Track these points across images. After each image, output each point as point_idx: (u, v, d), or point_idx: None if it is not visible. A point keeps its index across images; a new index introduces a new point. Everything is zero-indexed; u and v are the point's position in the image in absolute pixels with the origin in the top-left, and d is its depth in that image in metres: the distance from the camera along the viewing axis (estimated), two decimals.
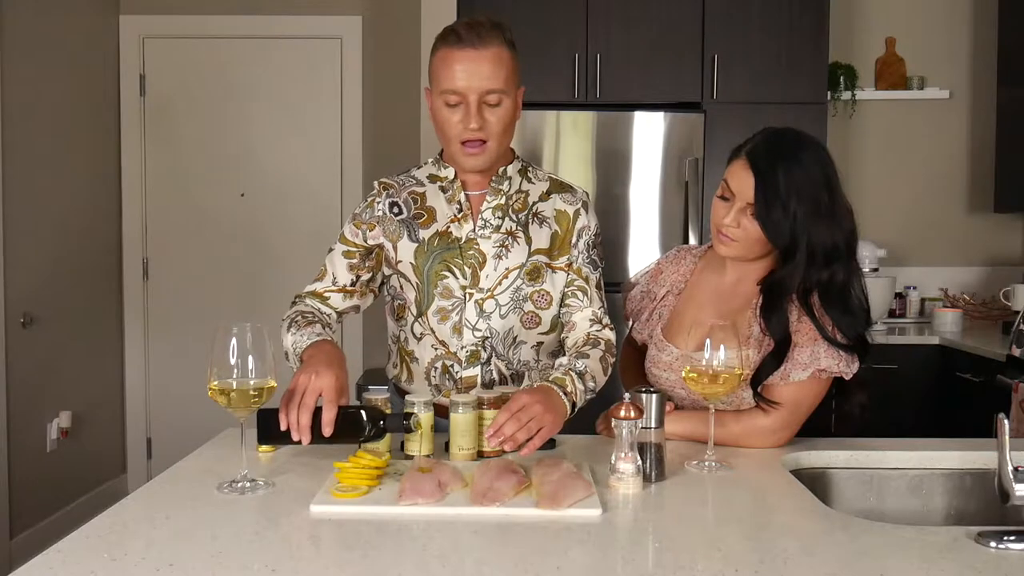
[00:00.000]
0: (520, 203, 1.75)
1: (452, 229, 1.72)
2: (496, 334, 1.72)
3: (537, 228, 1.74)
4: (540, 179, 1.79)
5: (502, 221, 1.72)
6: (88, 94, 3.96)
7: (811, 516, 1.27)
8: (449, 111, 1.62)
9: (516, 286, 1.72)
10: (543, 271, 1.74)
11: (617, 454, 1.37)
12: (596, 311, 1.76)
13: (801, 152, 1.59)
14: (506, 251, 1.72)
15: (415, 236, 1.73)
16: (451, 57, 1.60)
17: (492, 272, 1.71)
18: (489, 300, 1.71)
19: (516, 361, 1.76)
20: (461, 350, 1.73)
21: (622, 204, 3.51)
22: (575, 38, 3.54)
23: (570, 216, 1.76)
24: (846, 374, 1.58)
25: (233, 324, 1.34)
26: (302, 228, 4.19)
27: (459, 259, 1.71)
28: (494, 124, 1.63)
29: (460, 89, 1.60)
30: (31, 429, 3.50)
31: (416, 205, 1.75)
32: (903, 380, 3.36)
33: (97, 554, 1.09)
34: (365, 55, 4.18)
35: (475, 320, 1.71)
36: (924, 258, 4.05)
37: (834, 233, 1.58)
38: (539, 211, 1.75)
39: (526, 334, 1.75)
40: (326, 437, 1.41)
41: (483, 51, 1.59)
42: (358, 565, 1.08)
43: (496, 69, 1.60)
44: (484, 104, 1.61)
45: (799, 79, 3.56)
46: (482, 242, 1.71)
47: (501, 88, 1.61)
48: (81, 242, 3.90)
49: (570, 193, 1.79)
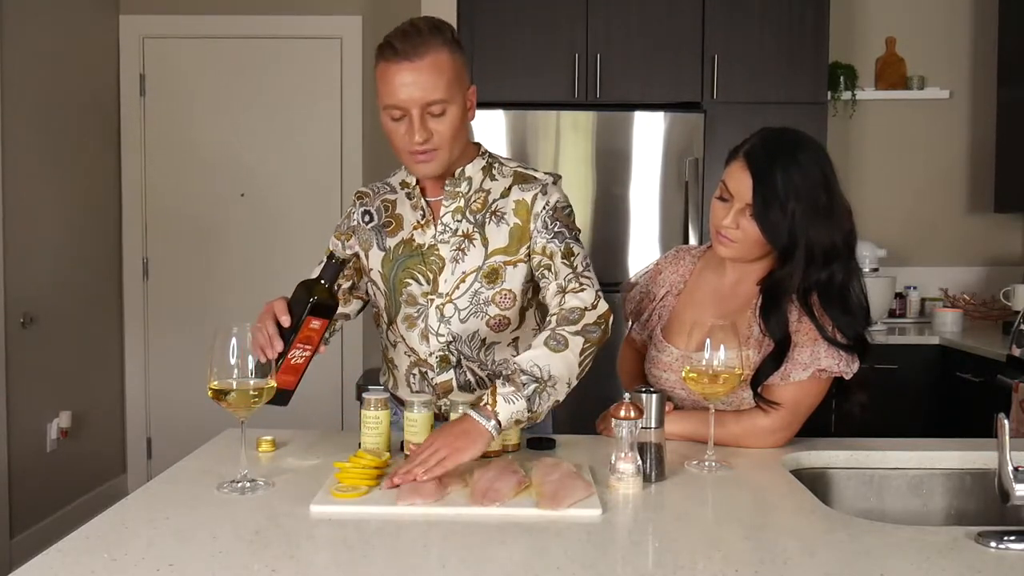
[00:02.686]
0: (479, 203, 1.69)
1: (415, 236, 1.71)
2: (459, 338, 1.70)
3: (494, 228, 1.68)
4: (505, 175, 1.71)
5: (460, 223, 1.69)
6: (88, 94, 3.96)
7: (811, 516, 1.27)
8: (395, 124, 1.58)
9: (474, 289, 1.68)
10: (501, 271, 1.68)
11: (617, 454, 1.37)
12: (560, 282, 1.62)
13: (799, 152, 1.59)
14: (462, 254, 1.68)
15: (382, 244, 1.73)
16: (389, 71, 1.55)
17: (450, 276, 1.69)
18: (448, 304, 1.69)
19: (491, 362, 1.72)
20: (430, 356, 1.71)
21: (622, 204, 3.51)
22: (575, 38, 3.54)
23: (528, 203, 1.67)
24: (846, 374, 1.58)
25: (233, 324, 1.34)
26: (302, 228, 4.19)
27: (422, 265, 1.70)
28: (441, 132, 1.58)
29: (400, 104, 1.55)
30: (31, 429, 3.50)
31: (386, 213, 1.75)
32: (903, 380, 3.36)
33: (97, 554, 1.09)
34: (365, 55, 4.17)
35: (437, 326, 1.70)
36: (924, 258, 4.05)
37: (833, 233, 1.58)
38: (498, 208, 1.69)
39: (497, 336, 1.72)
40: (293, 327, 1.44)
41: (419, 62, 1.53)
42: (358, 565, 1.08)
43: (435, 79, 1.54)
44: (428, 115, 1.57)
45: (799, 79, 3.56)
46: (442, 247, 1.69)
47: (442, 97, 1.56)
48: (81, 242, 3.90)
49: (531, 182, 1.70)
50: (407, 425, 1.52)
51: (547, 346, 1.49)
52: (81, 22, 3.90)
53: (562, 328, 1.52)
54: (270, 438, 1.59)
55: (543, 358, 1.47)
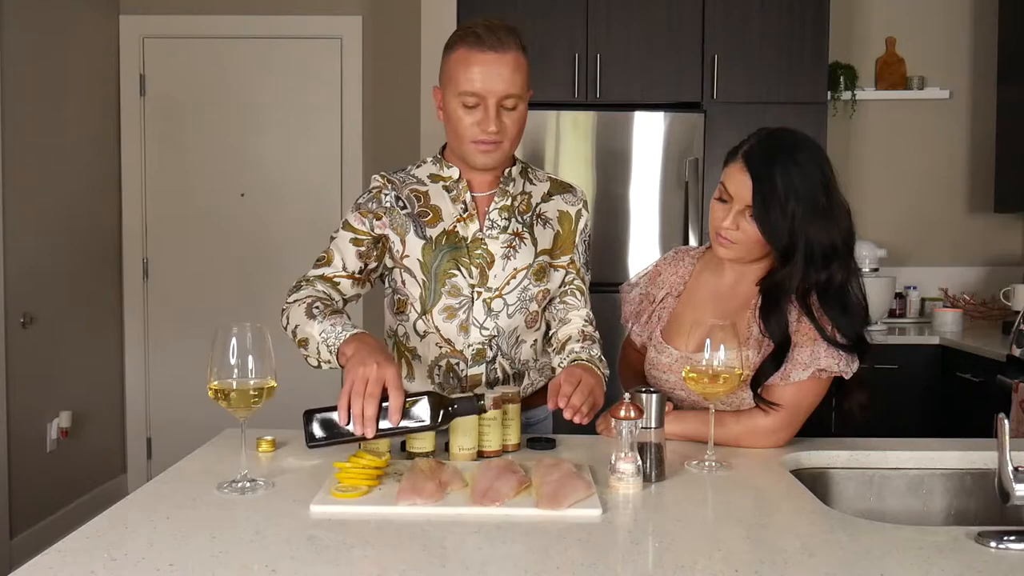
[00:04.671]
0: (524, 204, 1.77)
1: (458, 229, 1.72)
2: (502, 332, 1.75)
3: (541, 229, 1.77)
4: (540, 180, 1.82)
5: (508, 222, 1.74)
6: (88, 94, 3.96)
7: (811, 516, 1.27)
8: (465, 111, 1.62)
9: (523, 286, 1.75)
10: (547, 270, 1.78)
11: (617, 454, 1.37)
12: (589, 313, 1.82)
13: (798, 152, 1.59)
14: (514, 252, 1.74)
15: (422, 233, 1.72)
16: (471, 59, 1.59)
17: (500, 272, 1.73)
18: (497, 299, 1.73)
19: (518, 360, 1.78)
20: (467, 348, 1.74)
21: (622, 204, 3.51)
22: (575, 38, 3.54)
23: (572, 216, 1.81)
24: (846, 373, 1.58)
25: (233, 324, 1.34)
26: (302, 228, 4.19)
27: (466, 258, 1.72)
28: (510, 127, 1.65)
29: (479, 92, 1.59)
30: (31, 429, 3.51)
31: (420, 203, 1.74)
32: (903, 380, 3.36)
33: (97, 554, 1.09)
34: (365, 55, 4.18)
35: (483, 319, 1.73)
36: (924, 258, 4.05)
37: (832, 233, 1.58)
38: (542, 212, 1.78)
39: (527, 333, 1.79)
40: (391, 428, 1.39)
41: (503, 55, 1.60)
42: (358, 565, 1.08)
43: (515, 74, 1.61)
44: (502, 108, 1.62)
45: (799, 79, 3.56)
46: (490, 242, 1.72)
47: (519, 93, 1.62)
48: (81, 242, 3.90)
49: (571, 193, 1.83)
50: None
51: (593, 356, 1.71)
52: (81, 22, 3.90)
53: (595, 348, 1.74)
54: (270, 438, 1.59)
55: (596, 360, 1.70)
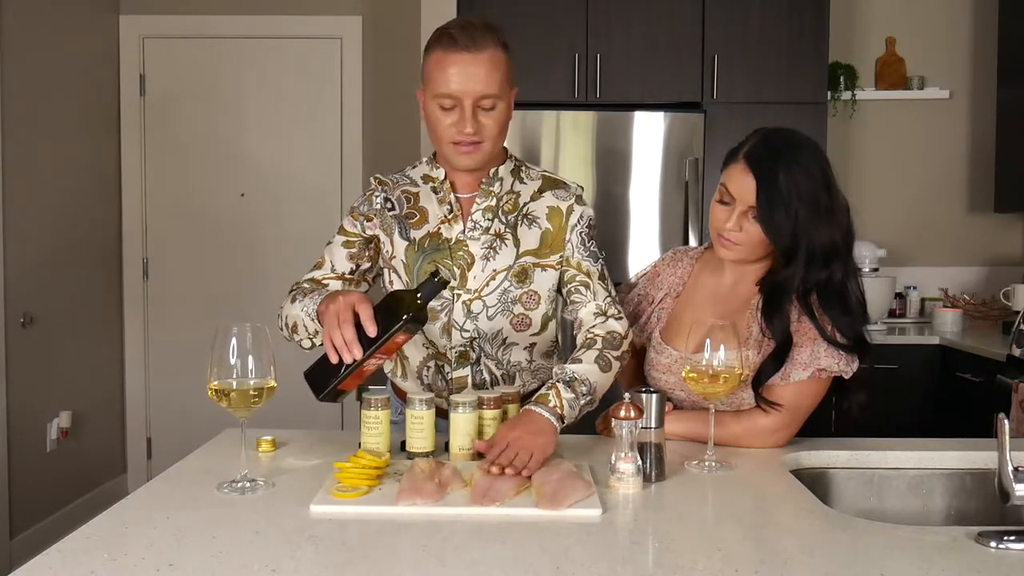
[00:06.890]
0: (510, 204, 1.73)
1: (442, 230, 1.71)
2: (484, 335, 1.72)
3: (526, 229, 1.72)
4: (533, 178, 1.76)
5: (491, 223, 1.71)
6: (88, 94, 3.96)
7: (811, 516, 1.27)
8: (443, 113, 1.61)
9: (503, 288, 1.71)
10: (531, 272, 1.72)
11: (617, 454, 1.37)
12: (600, 303, 1.72)
13: (799, 152, 1.59)
14: (494, 252, 1.70)
15: (406, 235, 1.72)
16: (446, 60, 1.58)
17: (480, 273, 1.70)
18: (476, 301, 1.70)
19: (507, 362, 1.74)
20: (450, 350, 1.72)
21: (622, 204, 3.51)
22: (575, 38, 3.54)
23: (563, 211, 1.73)
24: (846, 373, 1.58)
25: (233, 324, 1.34)
26: (302, 228, 4.18)
27: (448, 260, 1.70)
28: (489, 127, 1.62)
29: (455, 93, 1.58)
30: (31, 429, 3.50)
31: (408, 204, 1.74)
32: (903, 380, 3.36)
33: (97, 554, 1.09)
34: (365, 55, 4.18)
35: (463, 321, 1.71)
36: (924, 258, 4.05)
37: (833, 232, 1.58)
38: (529, 211, 1.73)
39: (517, 336, 1.74)
40: (374, 338, 1.41)
41: (478, 55, 1.57)
42: (358, 565, 1.08)
43: (491, 73, 1.58)
44: (479, 108, 1.60)
45: (799, 79, 3.56)
46: (471, 243, 1.70)
47: (496, 93, 1.60)
48: (81, 242, 3.90)
49: (563, 189, 1.76)
50: (410, 422, 1.52)
51: (597, 364, 1.61)
52: (81, 22, 3.90)
53: (608, 351, 1.64)
54: (270, 438, 1.59)
55: (594, 375, 1.59)
